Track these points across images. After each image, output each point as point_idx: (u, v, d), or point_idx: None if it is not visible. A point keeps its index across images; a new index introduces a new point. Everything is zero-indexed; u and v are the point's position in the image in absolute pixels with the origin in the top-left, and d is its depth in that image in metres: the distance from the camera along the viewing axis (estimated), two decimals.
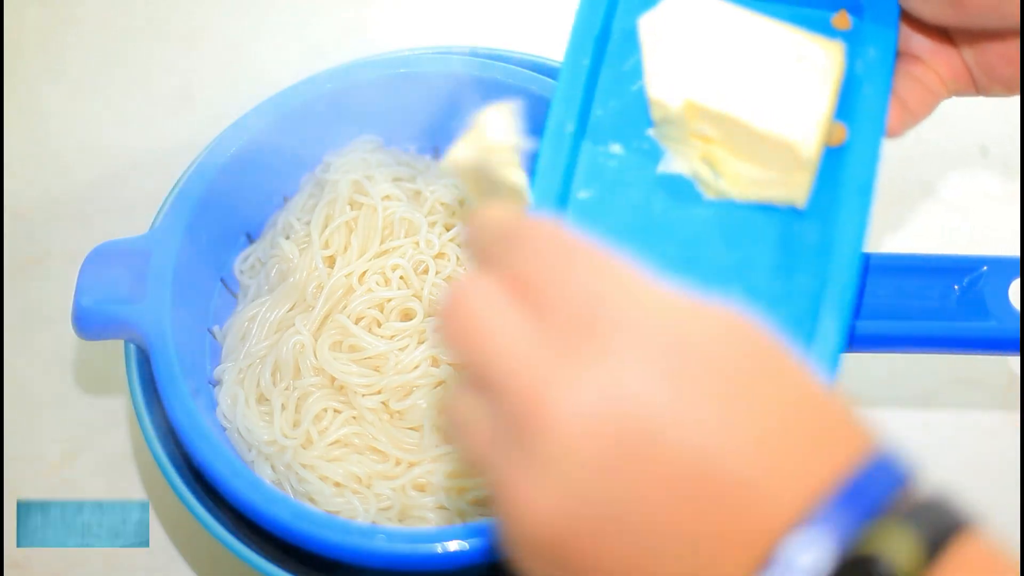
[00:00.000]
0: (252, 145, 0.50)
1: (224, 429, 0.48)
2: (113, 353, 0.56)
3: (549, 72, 0.52)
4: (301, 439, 0.47)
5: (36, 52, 0.67)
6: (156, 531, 0.53)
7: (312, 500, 0.46)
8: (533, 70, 0.52)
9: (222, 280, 0.52)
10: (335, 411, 0.48)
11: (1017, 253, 0.49)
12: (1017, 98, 0.65)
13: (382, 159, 0.53)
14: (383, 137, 0.54)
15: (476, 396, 0.28)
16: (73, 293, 0.47)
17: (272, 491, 0.43)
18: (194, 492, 0.44)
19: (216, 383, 0.49)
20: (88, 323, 0.46)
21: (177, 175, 0.51)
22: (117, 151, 0.63)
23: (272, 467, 0.47)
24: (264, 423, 0.48)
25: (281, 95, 0.51)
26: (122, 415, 0.56)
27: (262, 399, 0.49)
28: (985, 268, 0.46)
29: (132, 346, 0.47)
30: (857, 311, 0.45)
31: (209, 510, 0.44)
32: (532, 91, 0.51)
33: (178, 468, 0.45)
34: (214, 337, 0.51)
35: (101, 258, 0.47)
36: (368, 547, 0.42)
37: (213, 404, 0.48)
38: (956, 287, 0.46)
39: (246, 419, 0.48)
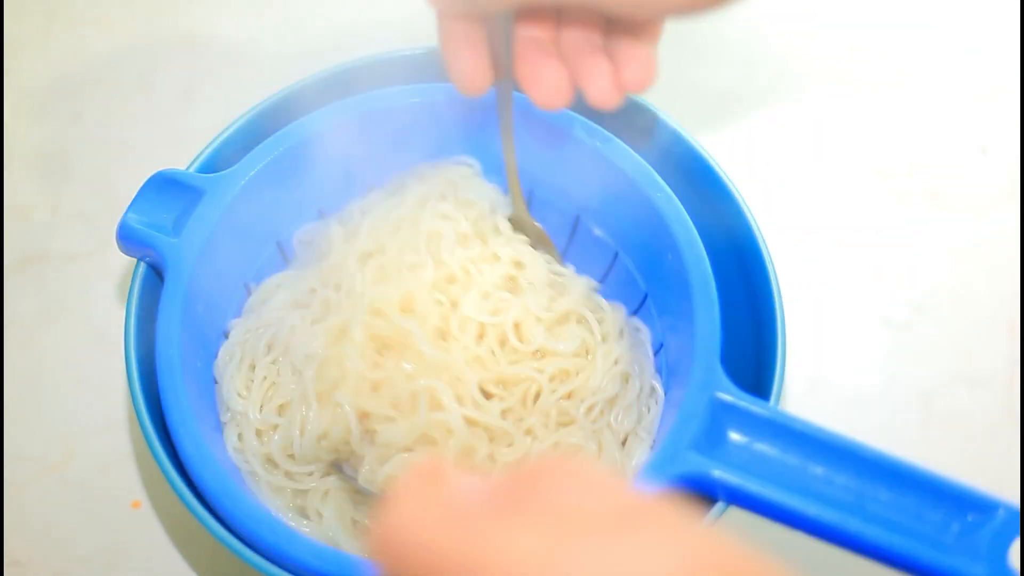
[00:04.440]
0: (349, 125, 0.50)
1: (215, 382, 0.49)
2: (113, 353, 0.56)
3: None
4: (263, 423, 0.48)
5: (36, 52, 0.67)
6: (156, 531, 0.53)
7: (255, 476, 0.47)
8: None
9: (278, 243, 0.52)
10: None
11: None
12: (1017, 98, 0.65)
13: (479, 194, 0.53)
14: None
15: None
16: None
17: (254, 506, 0.43)
18: (194, 492, 0.44)
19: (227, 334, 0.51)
20: (127, 240, 0.48)
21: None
22: (117, 150, 0.63)
23: (239, 436, 0.48)
24: (243, 392, 0.49)
25: (399, 91, 0.51)
26: (122, 415, 0.56)
27: (253, 367, 0.50)
28: (1000, 511, 0.41)
29: (132, 346, 0.47)
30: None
31: (209, 510, 0.44)
32: None
33: (178, 468, 0.45)
34: (249, 294, 0.52)
35: (161, 184, 0.49)
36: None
37: (213, 356, 0.50)
38: (964, 519, 0.42)
39: (232, 381, 0.49)
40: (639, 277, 0.52)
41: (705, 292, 0.47)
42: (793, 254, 0.59)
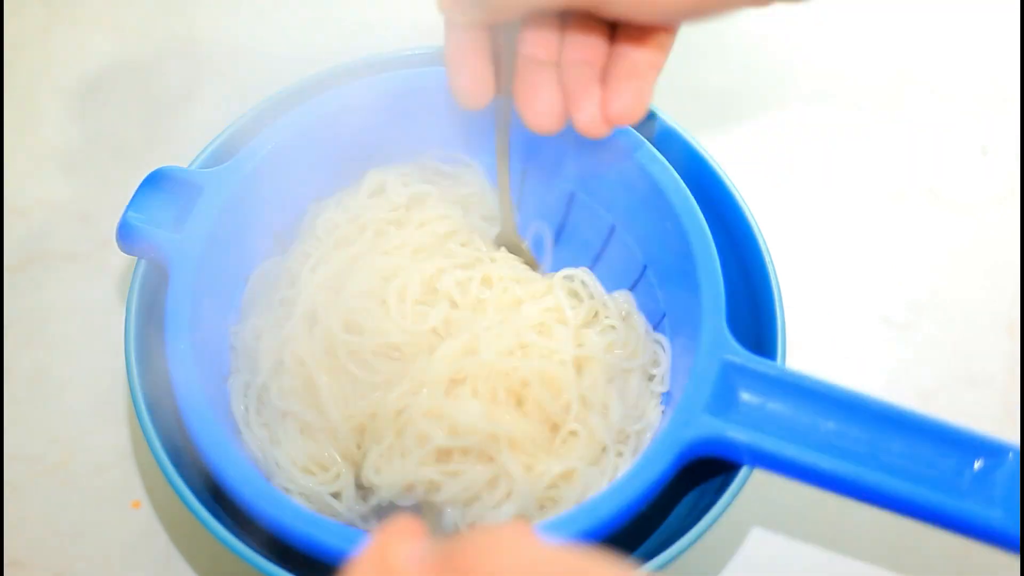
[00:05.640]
0: (346, 112, 0.50)
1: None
2: (113, 353, 0.56)
3: None
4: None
5: (36, 52, 0.67)
6: (156, 531, 0.53)
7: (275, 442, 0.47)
8: None
9: (274, 234, 0.52)
10: None
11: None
12: (1017, 98, 0.65)
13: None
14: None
15: None
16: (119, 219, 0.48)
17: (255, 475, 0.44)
18: (194, 491, 0.44)
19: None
20: (127, 238, 0.48)
21: None
22: (118, 150, 0.63)
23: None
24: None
25: (391, 78, 0.51)
26: (122, 415, 0.56)
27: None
28: (1011, 456, 0.42)
29: (132, 346, 0.47)
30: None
31: (209, 509, 0.44)
32: None
33: (178, 468, 0.45)
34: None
35: (159, 181, 0.48)
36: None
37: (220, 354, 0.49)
38: (976, 464, 0.42)
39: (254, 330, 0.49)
40: (637, 249, 0.52)
41: (707, 257, 0.47)
42: (793, 254, 0.59)
